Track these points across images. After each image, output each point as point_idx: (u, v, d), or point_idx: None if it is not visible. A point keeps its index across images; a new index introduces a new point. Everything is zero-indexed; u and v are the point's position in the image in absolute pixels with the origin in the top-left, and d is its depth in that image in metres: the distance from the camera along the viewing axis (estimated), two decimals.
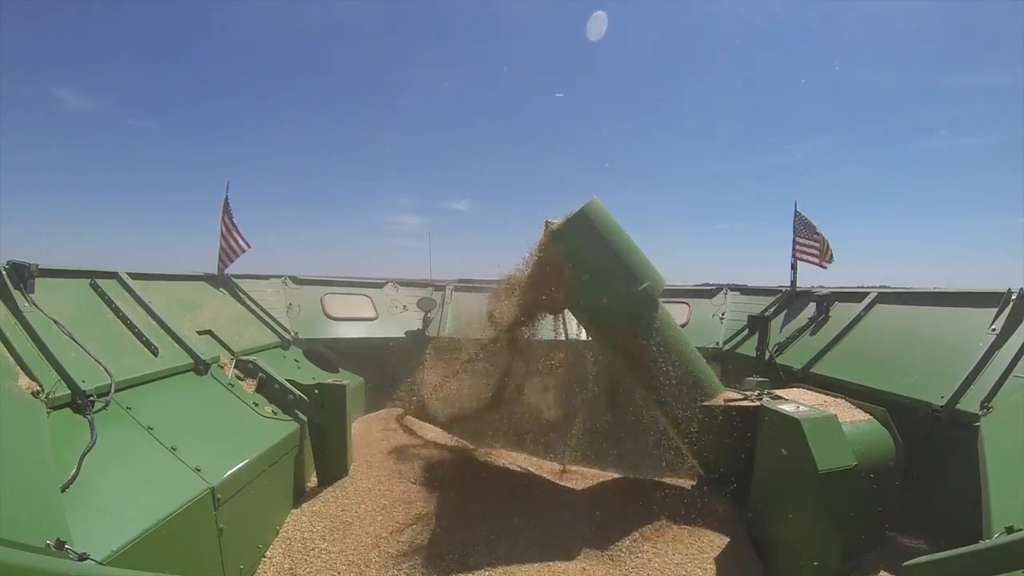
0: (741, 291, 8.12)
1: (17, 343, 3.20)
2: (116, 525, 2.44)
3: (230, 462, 3.46)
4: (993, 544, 2.03)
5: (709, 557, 3.82)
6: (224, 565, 3.19)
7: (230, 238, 6.69)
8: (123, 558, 2.30)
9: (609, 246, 4.32)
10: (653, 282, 4.49)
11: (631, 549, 4.00)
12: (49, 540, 1.80)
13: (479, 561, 3.88)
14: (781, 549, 3.78)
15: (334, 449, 4.87)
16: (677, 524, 4.20)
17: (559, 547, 4.09)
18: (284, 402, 4.72)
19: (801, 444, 3.52)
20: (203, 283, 6.38)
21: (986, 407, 3.72)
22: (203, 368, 4.45)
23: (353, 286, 8.64)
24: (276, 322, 6.70)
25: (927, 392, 4.16)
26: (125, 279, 4.76)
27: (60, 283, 4.11)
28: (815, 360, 5.48)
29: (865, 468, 3.56)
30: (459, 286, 9.03)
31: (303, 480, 4.72)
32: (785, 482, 3.77)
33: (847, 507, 3.46)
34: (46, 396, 2.93)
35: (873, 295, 5.82)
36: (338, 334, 7.65)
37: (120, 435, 3.12)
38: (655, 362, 4.41)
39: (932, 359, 4.47)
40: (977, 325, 4.44)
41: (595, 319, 4.66)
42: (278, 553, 3.82)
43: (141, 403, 3.50)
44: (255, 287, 7.20)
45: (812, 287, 6.97)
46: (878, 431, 3.88)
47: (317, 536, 4.03)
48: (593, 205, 4.34)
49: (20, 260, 3.69)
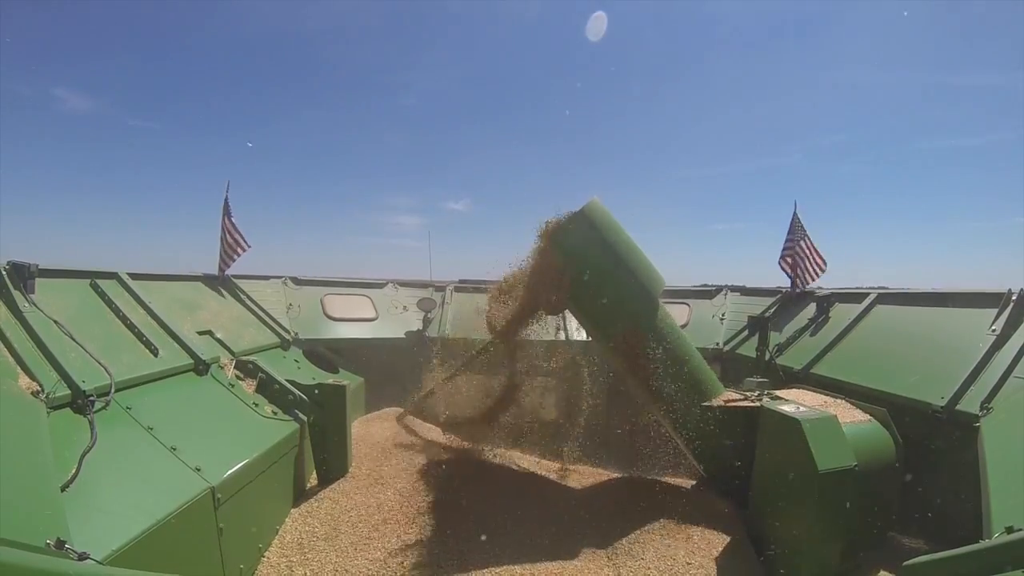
0: (741, 292, 8.12)
1: (17, 343, 3.20)
2: (116, 525, 2.44)
3: (230, 462, 3.46)
4: (993, 544, 2.03)
5: (709, 557, 3.81)
6: (224, 565, 3.19)
7: (230, 238, 6.70)
8: (123, 558, 2.30)
9: (609, 246, 4.32)
10: (653, 282, 4.49)
11: (631, 549, 4.00)
12: (49, 540, 1.80)
13: (479, 560, 3.88)
14: (781, 549, 3.78)
15: (334, 449, 4.87)
16: (677, 524, 4.19)
17: (559, 546, 4.09)
18: (284, 402, 4.73)
19: (801, 444, 3.52)
20: (203, 283, 6.38)
21: (986, 408, 3.72)
22: (203, 368, 4.45)
23: (353, 286, 8.64)
24: (276, 322, 6.71)
25: (927, 393, 4.16)
26: (125, 279, 4.77)
27: (60, 283, 4.12)
28: (815, 361, 5.48)
29: (865, 468, 3.56)
30: (459, 286, 9.03)
31: (303, 480, 4.72)
32: (785, 482, 3.77)
33: (847, 507, 3.46)
34: (46, 396, 2.93)
35: (873, 296, 5.82)
36: (338, 334, 7.65)
37: (120, 435, 3.12)
38: (655, 362, 4.41)
39: (932, 360, 4.47)
40: (977, 326, 4.44)
41: (595, 319, 4.66)
42: (278, 553, 3.82)
43: (141, 403, 3.50)
44: (255, 287, 7.20)
45: (812, 287, 6.97)
46: (878, 432, 3.89)
47: (317, 536, 4.03)
48: (593, 204, 4.33)
49: (20, 260, 3.70)
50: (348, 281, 8.70)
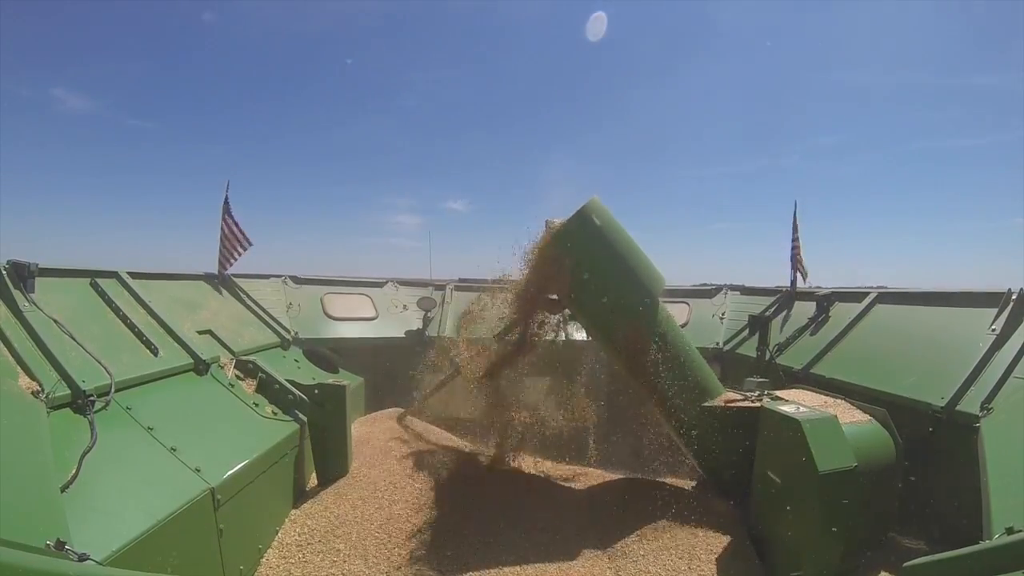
0: (741, 291, 8.12)
1: (17, 343, 3.20)
2: (116, 525, 2.44)
3: (230, 462, 3.46)
4: (993, 544, 2.03)
5: (709, 557, 3.81)
6: (224, 565, 3.19)
7: (231, 237, 6.69)
8: (123, 558, 2.30)
9: (609, 245, 4.31)
10: (654, 281, 4.49)
11: (631, 549, 4.00)
12: (49, 540, 1.80)
13: (479, 560, 3.88)
14: (781, 549, 3.78)
15: (334, 449, 4.87)
16: (677, 524, 4.19)
17: (559, 547, 4.09)
18: (284, 402, 4.72)
19: (801, 445, 3.52)
20: (203, 283, 6.37)
21: (986, 408, 3.72)
22: (203, 368, 4.45)
23: (353, 286, 8.64)
24: (276, 322, 6.70)
25: (927, 393, 4.16)
26: (125, 279, 4.76)
27: (60, 283, 4.11)
28: (815, 360, 5.48)
29: (865, 469, 3.55)
30: (459, 286, 9.03)
31: (303, 480, 4.72)
32: (785, 482, 3.77)
33: (847, 508, 3.46)
34: (46, 396, 2.93)
35: (873, 295, 5.81)
36: (338, 334, 7.64)
37: (120, 435, 3.12)
38: (655, 362, 4.41)
39: (932, 360, 4.46)
40: (977, 325, 4.44)
41: (595, 319, 4.66)
42: (277, 554, 3.82)
43: (141, 403, 3.50)
44: (255, 287, 7.19)
45: (812, 287, 6.97)
46: (878, 432, 3.88)
47: (317, 536, 4.03)
48: (593, 204, 4.33)
49: (20, 260, 3.70)
50: (348, 280, 8.69)
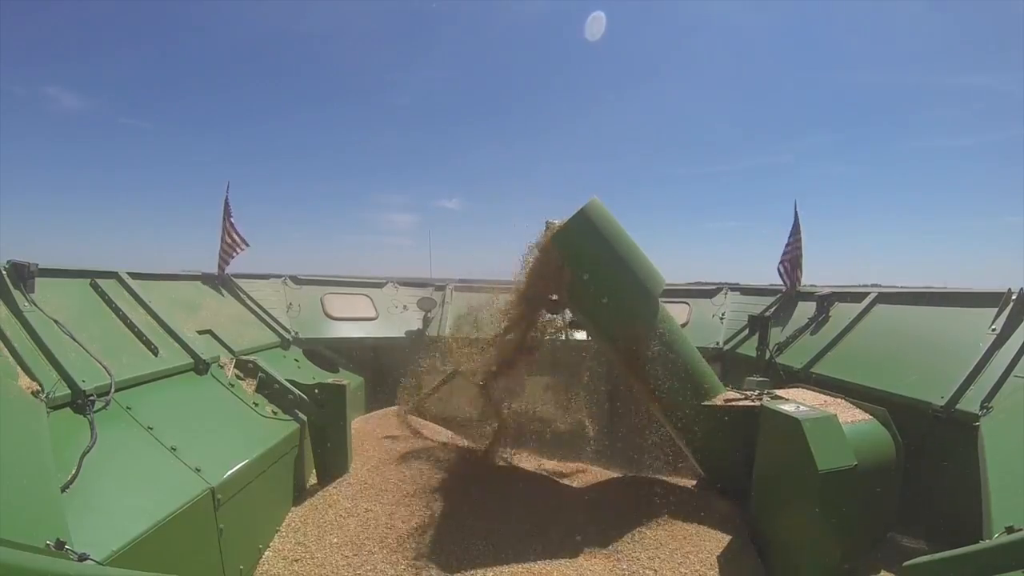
0: (741, 291, 8.11)
1: (17, 343, 3.19)
2: (116, 525, 2.44)
3: (230, 462, 3.46)
4: (993, 544, 2.03)
5: (709, 557, 3.81)
6: (224, 565, 3.19)
7: (229, 238, 6.70)
8: (123, 558, 2.30)
9: (609, 245, 4.31)
10: (654, 282, 4.49)
11: (631, 548, 4.00)
12: (49, 540, 1.80)
13: (479, 560, 3.88)
14: (781, 549, 3.78)
15: (334, 449, 4.87)
16: (677, 523, 4.19)
17: (559, 546, 4.09)
18: (284, 402, 4.72)
19: (801, 444, 3.52)
20: (203, 283, 6.37)
21: (986, 407, 3.72)
22: (203, 368, 4.45)
23: (353, 286, 8.64)
24: (276, 322, 6.70)
25: (927, 392, 4.16)
26: (125, 279, 4.76)
27: (60, 283, 4.11)
28: (815, 360, 5.48)
29: (865, 468, 3.55)
30: (459, 286, 9.02)
31: (303, 480, 4.72)
32: (785, 482, 3.77)
33: (847, 507, 3.46)
34: (46, 396, 2.93)
35: (873, 295, 5.81)
36: (338, 334, 7.64)
37: (120, 435, 3.12)
38: (655, 362, 4.41)
39: (932, 359, 4.46)
40: (977, 325, 4.43)
41: (595, 319, 4.66)
42: (278, 553, 3.82)
43: (141, 403, 3.50)
44: (255, 287, 7.19)
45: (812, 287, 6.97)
46: (878, 431, 3.88)
47: (317, 536, 4.03)
48: (593, 204, 4.33)
49: (20, 260, 3.70)
50: (348, 280, 8.70)
